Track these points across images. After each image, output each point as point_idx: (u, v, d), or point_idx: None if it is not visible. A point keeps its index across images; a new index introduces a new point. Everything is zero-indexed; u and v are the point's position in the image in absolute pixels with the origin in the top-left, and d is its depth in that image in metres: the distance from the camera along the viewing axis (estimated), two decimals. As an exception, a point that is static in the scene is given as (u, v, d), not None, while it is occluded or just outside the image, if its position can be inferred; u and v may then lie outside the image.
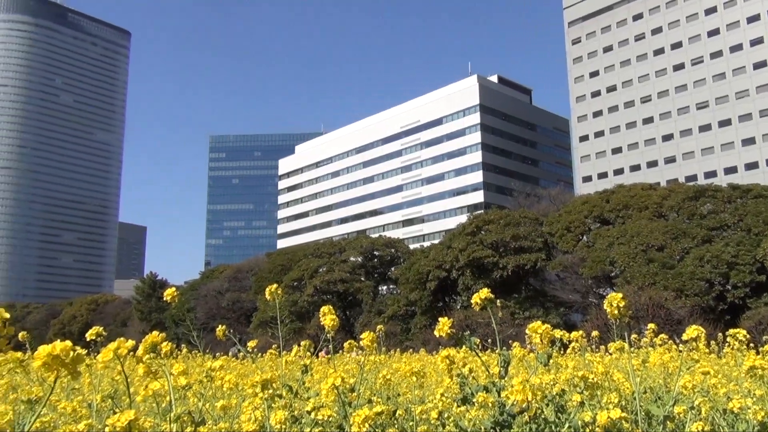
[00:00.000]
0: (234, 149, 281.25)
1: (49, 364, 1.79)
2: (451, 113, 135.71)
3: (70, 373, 1.82)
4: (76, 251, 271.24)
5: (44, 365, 1.79)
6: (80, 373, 1.90)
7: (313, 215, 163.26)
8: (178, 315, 63.49)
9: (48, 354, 1.79)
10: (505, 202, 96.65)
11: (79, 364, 1.84)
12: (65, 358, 1.79)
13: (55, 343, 1.81)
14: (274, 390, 2.80)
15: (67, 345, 1.81)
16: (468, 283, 54.56)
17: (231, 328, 5.41)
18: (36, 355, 1.82)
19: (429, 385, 6.43)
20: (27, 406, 3.07)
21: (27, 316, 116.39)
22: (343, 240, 79.68)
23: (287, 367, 5.17)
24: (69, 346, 1.81)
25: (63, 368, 1.80)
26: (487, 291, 3.25)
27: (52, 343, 1.82)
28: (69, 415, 3.73)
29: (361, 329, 54.26)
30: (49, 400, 3.53)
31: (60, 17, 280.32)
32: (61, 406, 3.78)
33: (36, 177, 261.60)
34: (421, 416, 4.02)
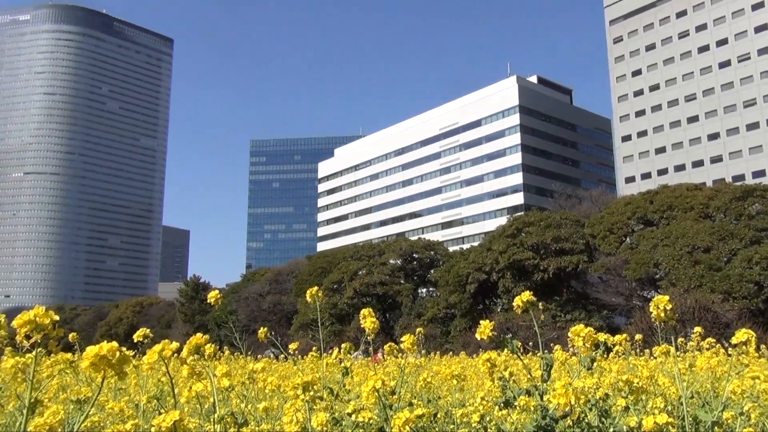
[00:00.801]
0: (274, 153, 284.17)
1: (96, 364, 1.83)
2: (490, 114, 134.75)
3: (116, 374, 1.86)
4: (121, 254, 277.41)
5: (92, 365, 1.83)
6: (126, 374, 1.94)
7: (352, 218, 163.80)
8: (220, 317, 64.42)
9: (95, 355, 1.83)
10: (545, 204, 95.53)
11: (125, 364, 1.88)
12: (112, 358, 1.83)
13: (102, 344, 1.85)
14: (315, 392, 2.82)
15: (114, 346, 1.85)
16: (508, 286, 54.11)
17: (272, 331, 5.46)
18: (84, 356, 1.86)
19: (469, 389, 6.39)
20: (76, 405, 3.15)
21: (75, 318, 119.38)
22: (382, 242, 79.77)
23: (328, 370, 5.20)
24: (115, 347, 1.85)
25: (110, 369, 1.84)
26: (529, 294, 3.22)
27: (99, 344, 1.86)
28: (116, 415, 3.81)
29: (401, 332, 54.24)
30: (97, 400, 3.61)
31: (106, 27, 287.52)
32: (108, 406, 3.86)
33: (83, 182, 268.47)
34: (461, 419, 3.99)
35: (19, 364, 3.06)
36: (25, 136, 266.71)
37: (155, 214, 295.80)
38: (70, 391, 4.77)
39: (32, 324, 1.93)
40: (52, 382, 5.17)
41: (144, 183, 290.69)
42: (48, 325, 1.94)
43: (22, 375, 3.05)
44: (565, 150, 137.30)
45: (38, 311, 1.95)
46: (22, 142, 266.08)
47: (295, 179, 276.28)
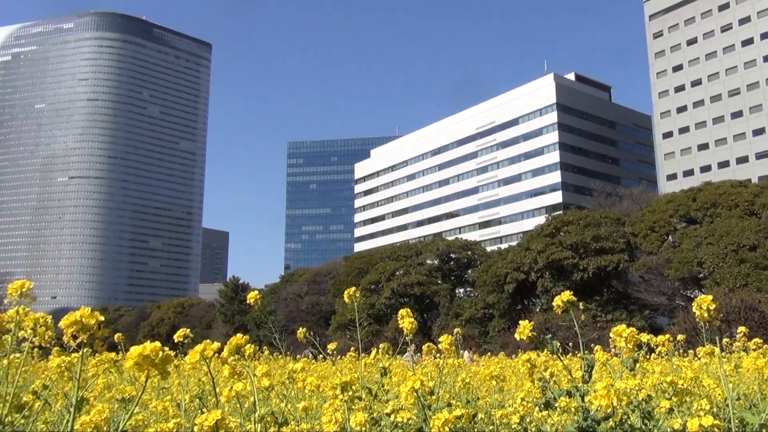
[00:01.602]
0: (311, 155, 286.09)
1: (140, 364, 1.87)
2: (527, 113, 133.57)
3: (159, 373, 1.89)
4: (163, 256, 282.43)
5: (136, 365, 1.87)
6: (169, 373, 1.97)
7: (389, 218, 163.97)
8: (259, 318, 65.12)
9: (139, 354, 1.87)
10: (584, 203, 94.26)
11: (168, 364, 1.91)
12: (155, 358, 1.87)
13: (146, 344, 1.89)
14: (354, 392, 2.83)
15: (157, 346, 1.89)
16: (547, 286, 53.56)
17: (310, 331, 5.50)
18: (128, 356, 1.90)
19: (509, 389, 6.35)
20: (121, 404, 3.22)
21: (119, 319, 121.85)
22: (419, 243, 79.64)
23: (366, 370, 5.21)
24: (158, 347, 1.89)
25: (153, 368, 1.88)
26: (569, 293, 3.19)
27: (143, 344, 1.90)
28: (159, 414, 3.88)
29: (439, 332, 54.08)
30: (141, 399, 3.69)
31: (146, 33, 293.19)
32: (152, 405, 3.93)
33: (125, 186, 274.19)
34: (501, 420, 3.97)
35: (66, 364, 3.14)
36: (69, 141, 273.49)
37: (195, 217, 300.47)
38: (115, 390, 4.88)
39: (78, 324, 1.98)
40: (97, 381, 5.29)
41: (184, 186, 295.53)
42: (94, 325, 1.99)
43: (68, 374, 3.13)
44: (605, 148, 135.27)
45: (84, 312, 2.00)
46: (67, 147, 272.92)
47: (332, 180, 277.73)
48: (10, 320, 2.68)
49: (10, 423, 2.59)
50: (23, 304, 2.75)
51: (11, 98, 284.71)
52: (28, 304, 2.78)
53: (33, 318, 2.75)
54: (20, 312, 2.72)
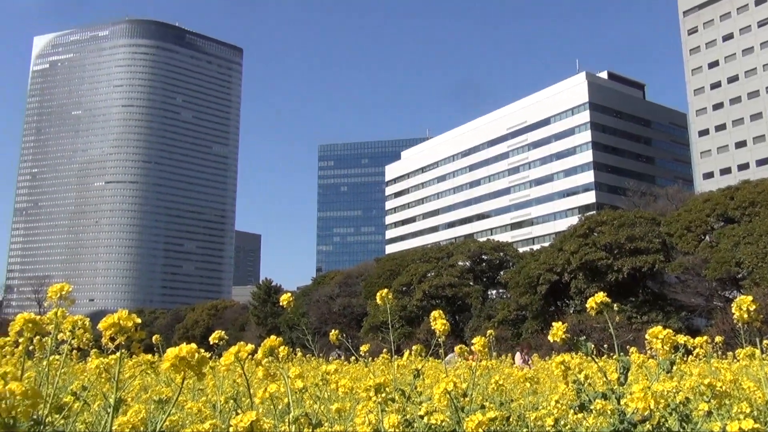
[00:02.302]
0: (342, 157, 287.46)
1: (176, 365, 1.90)
2: (559, 112, 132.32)
3: (195, 374, 1.92)
4: (197, 259, 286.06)
5: (172, 366, 1.90)
6: (205, 375, 2.00)
7: (420, 220, 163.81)
8: (292, 320, 65.49)
9: (175, 356, 1.90)
10: (618, 203, 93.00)
11: (204, 365, 1.94)
12: (191, 360, 1.90)
13: (182, 346, 1.92)
14: (387, 394, 2.83)
15: (193, 347, 1.92)
16: (581, 287, 52.98)
17: (343, 333, 5.52)
18: (165, 357, 1.93)
19: (543, 392, 6.29)
20: (157, 405, 3.26)
21: (154, 321, 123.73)
22: (450, 244, 79.44)
23: (399, 372, 5.21)
24: (194, 349, 1.92)
25: (189, 369, 1.90)
26: (603, 295, 3.14)
27: (179, 346, 1.92)
28: (195, 415, 3.92)
29: (471, 334, 53.84)
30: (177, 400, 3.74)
31: (179, 39, 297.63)
32: (187, 406, 3.98)
33: (160, 190, 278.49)
34: (535, 423, 3.93)
35: (104, 365, 3.20)
36: (105, 147, 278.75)
37: (228, 220, 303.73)
38: (151, 391, 4.95)
39: (116, 327, 2.02)
40: (134, 382, 5.38)
41: (217, 189, 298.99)
42: (131, 327, 2.03)
43: (106, 375, 3.18)
44: (639, 146, 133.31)
45: (122, 314, 2.03)
46: (102, 153, 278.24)
47: (362, 182, 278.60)
48: (49, 322, 2.74)
49: (50, 423, 2.65)
50: (62, 307, 2.80)
51: (49, 105, 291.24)
52: (67, 307, 2.83)
53: (71, 320, 2.80)
54: (59, 314, 2.77)
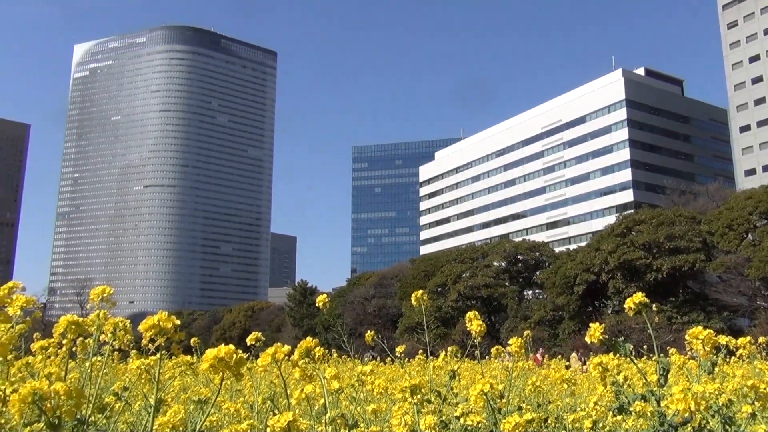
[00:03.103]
0: (375, 159, 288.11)
1: (215, 366, 1.92)
2: (595, 110, 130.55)
3: (233, 375, 1.94)
4: (233, 261, 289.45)
5: (211, 367, 1.93)
6: (243, 375, 2.02)
7: (454, 221, 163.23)
8: (327, 321, 65.82)
9: (214, 357, 1.93)
10: (656, 201, 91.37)
11: (241, 366, 1.96)
12: (229, 360, 1.92)
13: (220, 347, 1.95)
14: (423, 395, 2.83)
15: (231, 349, 1.94)
16: (619, 287, 52.21)
17: (378, 334, 5.53)
18: (204, 358, 1.96)
19: (580, 393, 6.22)
20: (197, 405, 3.31)
21: (192, 323, 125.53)
22: (485, 245, 79.01)
23: (435, 373, 5.20)
24: (232, 350, 1.94)
25: (227, 370, 1.93)
26: (642, 295, 3.10)
27: (218, 347, 1.95)
28: (232, 415, 3.97)
29: (507, 335, 53.44)
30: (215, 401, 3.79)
31: (214, 44, 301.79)
32: (225, 406, 4.03)
33: (197, 193, 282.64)
34: (573, 425, 3.89)
35: (144, 366, 3.26)
36: (144, 152, 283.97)
37: (264, 222, 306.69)
38: (191, 392, 5.03)
39: (156, 328, 2.05)
40: (173, 383, 5.47)
41: (253, 192, 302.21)
42: (170, 329, 2.06)
43: (146, 376, 3.24)
44: (678, 144, 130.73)
45: (161, 316, 2.07)
46: (141, 157, 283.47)
47: (396, 184, 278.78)
48: (91, 324, 2.80)
49: (93, 423, 2.71)
50: (104, 309, 2.86)
51: (89, 111, 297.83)
52: (108, 309, 2.89)
53: (113, 322, 2.86)
54: (101, 316, 2.83)
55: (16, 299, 2.57)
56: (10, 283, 2.59)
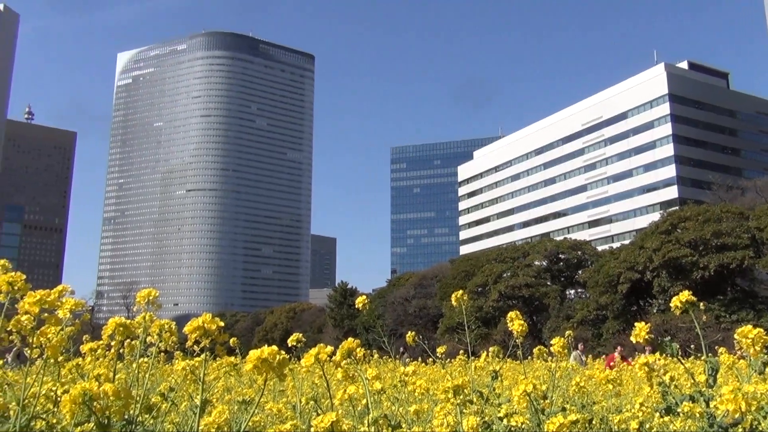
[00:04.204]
0: (414, 159, 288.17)
1: (258, 367, 1.95)
2: (636, 106, 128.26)
3: (277, 376, 1.97)
4: (274, 263, 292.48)
5: (255, 368, 1.95)
6: (286, 376, 2.04)
7: (494, 220, 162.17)
8: (368, 322, 66.06)
9: (258, 358, 1.95)
10: (702, 197, 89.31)
11: (285, 367, 1.98)
12: (273, 361, 1.94)
13: (263, 348, 1.97)
14: (466, 395, 2.82)
15: (274, 349, 1.97)
16: (664, 285, 51.22)
17: (419, 334, 5.52)
18: (247, 359, 1.99)
19: (626, 394, 6.12)
20: (241, 406, 3.35)
21: (235, 324, 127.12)
22: (526, 244, 78.30)
23: (476, 373, 5.17)
24: (276, 351, 1.96)
25: (271, 371, 1.95)
26: (688, 293, 3.03)
27: (261, 348, 1.98)
28: (275, 416, 4.01)
29: (549, 335, 52.84)
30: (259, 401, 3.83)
31: (252, 49, 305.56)
32: (268, 407, 4.07)
33: (238, 196, 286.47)
34: (619, 426, 3.83)
35: (189, 367, 3.31)
36: (186, 156, 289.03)
37: (304, 224, 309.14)
38: (234, 392, 5.10)
39: (201, 330, 2.09)
40: (217, 383, 5.55)
41: (292, 194, 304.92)
42: (215, 331, 2.10)
43: (191, 377, 3.29)
44: (723, 138, 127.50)
45: (206, 318, 2.10)
46: (183, 162, 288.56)
47: (435, 184, 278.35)
48: (138, 326, 2.86)
49: (141, 423, 2.76)
50: (150, 311, 2.92)
51: (133, 118, 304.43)
52: (154, 311, 2.95)
53: (159, 324, 2.92)
54: (147, 318, 2.90)
55: (66, 302, 2.64)
56: (59, 286, 2.66)
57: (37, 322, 2.58)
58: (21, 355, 8.36)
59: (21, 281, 2.71)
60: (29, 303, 2.50)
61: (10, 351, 9.23)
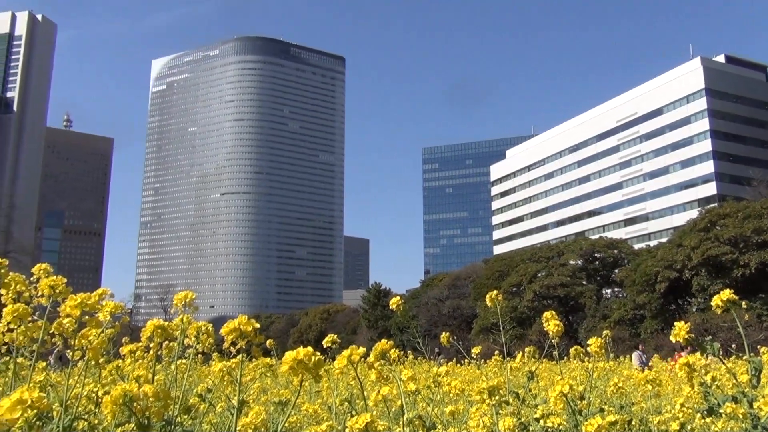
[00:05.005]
0: (446, 159, 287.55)
1: (294, 368, 1.96)
2: (672, 101, 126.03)
3: (312, 377, 1.98)
4: (308, 265, 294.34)
5: (291, 369, 1.97)
6: (321, 377, 2.05)
7: (527, 219, 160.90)
8: (402, 322, 65.97)
9: (293, 359, 1.96)
10: (742, 193, 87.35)
11: (320, 368, 1.99)
12: (308, 362, 1.96)
13: (299, 349, 1.98)
14: (501, 396, 2.80)
15: (309, 351, 1.98)
16: (703, 284, 50.26)
17: (453, 335, 5.50)
18: (283, 360, 2.01)
19: (666, 395, 6.02)
20: (277, 407, 3.38)
21: (270, 326, 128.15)
22: (560, 243, 77.56)
23: (512, 374, 5.14)
24: (311, 352, 1.98)
25: (306, 372, 1.96)
26: (729, 291, 2.97)
27: (297, 349, 1.99)
28: (311, 416, 4.04)
29: (586, 335, 52.24)
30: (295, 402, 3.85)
31: (284, 52, 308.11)
32: (304, 407, 4.10)
33: (271, 199, 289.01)
34: (659, 427, 3.76)
35: (226, 368, 3.35)
36: (220, 160, 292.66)
37: (337, 226, 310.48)
38: (270, 393, 5.14)
39: (237, 332, 2.11)
40: (254, 384, 5.60)
41: (325, 197, 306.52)
42: (251, 332, 2.12)
43: (228, 378, 3.33)
44: (763, 132, 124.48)
45: (242, 320, 2.13)
46: (217, 166, 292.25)
47: (467, 184, 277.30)
48: (176, 328, 2.91)
49: (180, 423, 2.80)
50: (187, 313, 2.97)
51: (168, 124, 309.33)
52: (191, 313, 3.00)
53: (196, 326, 2.96)
54: (184, 321, 2.94)
55: (106, 305, 2.69)
56: (99, 290, 2.72)
57: (78, 324, 2.63)
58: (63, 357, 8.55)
59: (62, 285, 2.77)
60: (71, 306, 2.56)
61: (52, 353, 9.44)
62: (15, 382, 2.94)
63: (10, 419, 1.80)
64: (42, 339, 2.77)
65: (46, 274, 2.93)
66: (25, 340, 2.81)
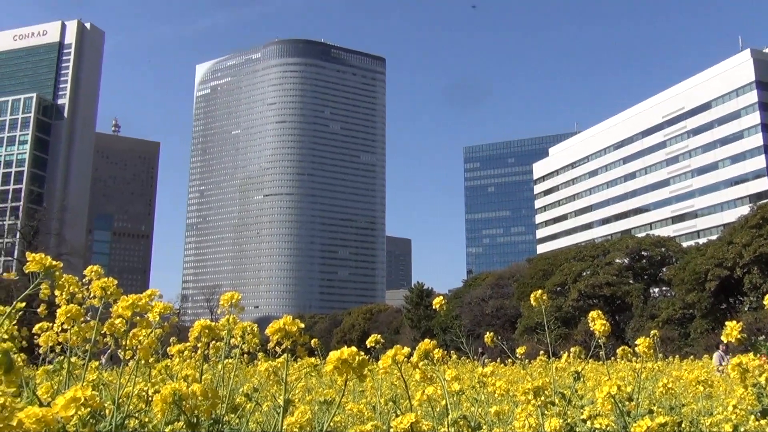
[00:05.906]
0: (487, 158, 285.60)
1: (339, 367, 1.98)
2: (720, 95, 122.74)
3: (357, 377, 1.99)
4: (351, 265, 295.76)
5: (335, 369, 1.98)
6: (365, 377, 2.07)
7: (571, 218, 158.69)
8: (445, 322, 65.75)
9: (338, 359, 1.98)
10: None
11: (364, 368, 2.00)
12: (353, 362, 1.97)
13: (343, 349, 2.00)
14: (547, 397, 2.77)
15: (354, 350, 1.99)
16: (756, 282, 48.85)
17: (497, 335, 5.47)
18: (328, 360, 2.02)
19: (717, 396, 5.87)
20: (322, 406, 3.41)
21: (314, 326, 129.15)
22: (606, 241, 76.26)
23: (557, 374, 5.07)
24: (355, 352, 1.99)
25: (351, 372, 1.98)
26: (783, 290, 2.88)
27: (341, 349, 2.01)
28: (356, 416, 4.06)
29: (633, 335, 51.26)
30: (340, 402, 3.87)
31: (324, 54, 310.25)
32: (349, 407, 4.12)
33: (313, 200, 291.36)
34: (710, 429, 3.67)
35: (272, 368, 3.39)
36: (262, 162, 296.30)
37: (379, 226, 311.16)
38: (315, 393, 5.18)
39: (282, 332, 2.14)
40: (299, 384, 5.66)
41: (367, 197, 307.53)
42: (295, 332, 2.14)
43: (274, 377, 3.37)
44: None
45: (287, 320, 2.15)
46: (260, 168, 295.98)
47: (510, 182, 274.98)
48: (222, 328, 2.96)
49: (227, 422, 2.85)
50: (233, 314, 3.01)
51: (212, 127, 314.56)
52: (237, 314, 3.04)
53: (242, 326, 3.01)
54: (230, 321, 2.99)
55: (155, 306, 2.75)
56: (149, 291, 2.79)
57: (129, 325, 2.70)
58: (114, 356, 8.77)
59: (113, 286, 2.84)
60: (123, 307, 2.62)
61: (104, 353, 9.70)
62: (69, 381, 3.03)
63: (64, 416, 1.86)
64: (94, 339, 2.85)
65: (97, 276, 3.01)
66: (78, 340, 2.90)
